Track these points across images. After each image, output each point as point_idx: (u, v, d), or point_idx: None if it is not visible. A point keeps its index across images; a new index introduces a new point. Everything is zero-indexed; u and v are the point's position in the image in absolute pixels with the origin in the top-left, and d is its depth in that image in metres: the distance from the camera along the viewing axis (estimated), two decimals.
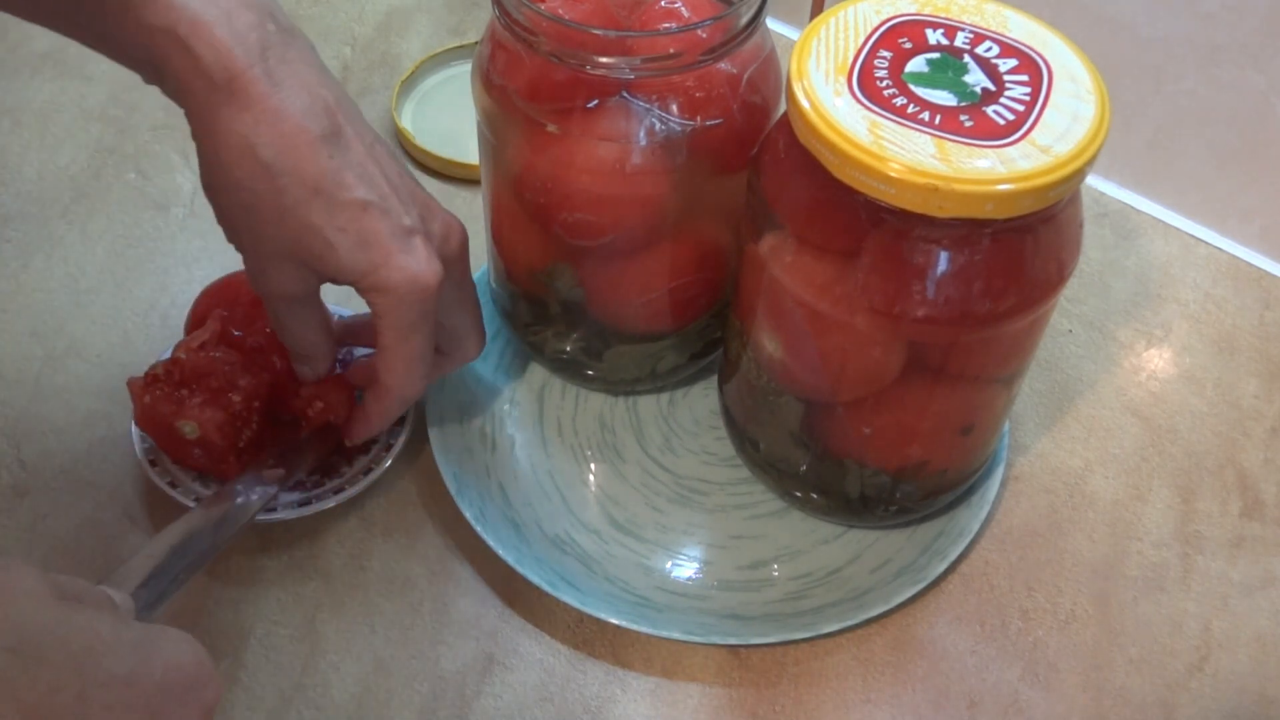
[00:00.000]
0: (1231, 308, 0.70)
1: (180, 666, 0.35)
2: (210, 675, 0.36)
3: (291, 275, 0.49)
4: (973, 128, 0.44)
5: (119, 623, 0.35)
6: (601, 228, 0.54)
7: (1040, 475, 0.62)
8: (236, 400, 0.55)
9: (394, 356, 0.51)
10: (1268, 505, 0.61)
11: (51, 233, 0.70)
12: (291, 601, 0.55)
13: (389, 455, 0.58)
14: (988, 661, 0.55)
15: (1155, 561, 0.59)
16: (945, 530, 0.58)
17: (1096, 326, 0.69)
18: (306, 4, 0.85)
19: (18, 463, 0.59)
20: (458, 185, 0.74)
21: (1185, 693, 0.54)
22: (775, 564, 0.58)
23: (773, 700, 0.53)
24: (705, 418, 0.63)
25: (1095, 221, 0.74)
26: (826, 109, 0.44)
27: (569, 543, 0.58)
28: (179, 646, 0.36)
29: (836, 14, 0.48)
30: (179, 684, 0.35)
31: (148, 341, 0.65)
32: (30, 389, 0.62)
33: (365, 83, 0.79)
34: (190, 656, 0.36)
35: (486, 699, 0.53)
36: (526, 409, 0.63)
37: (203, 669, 0.36)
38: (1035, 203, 0.43)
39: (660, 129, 0.51)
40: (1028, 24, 0.48)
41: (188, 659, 0.36)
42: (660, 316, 0.59)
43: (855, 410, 0.53)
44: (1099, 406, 0.65)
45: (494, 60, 0.53)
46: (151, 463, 0.56)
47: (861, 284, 0.46)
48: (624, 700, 0.53)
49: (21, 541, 0.56)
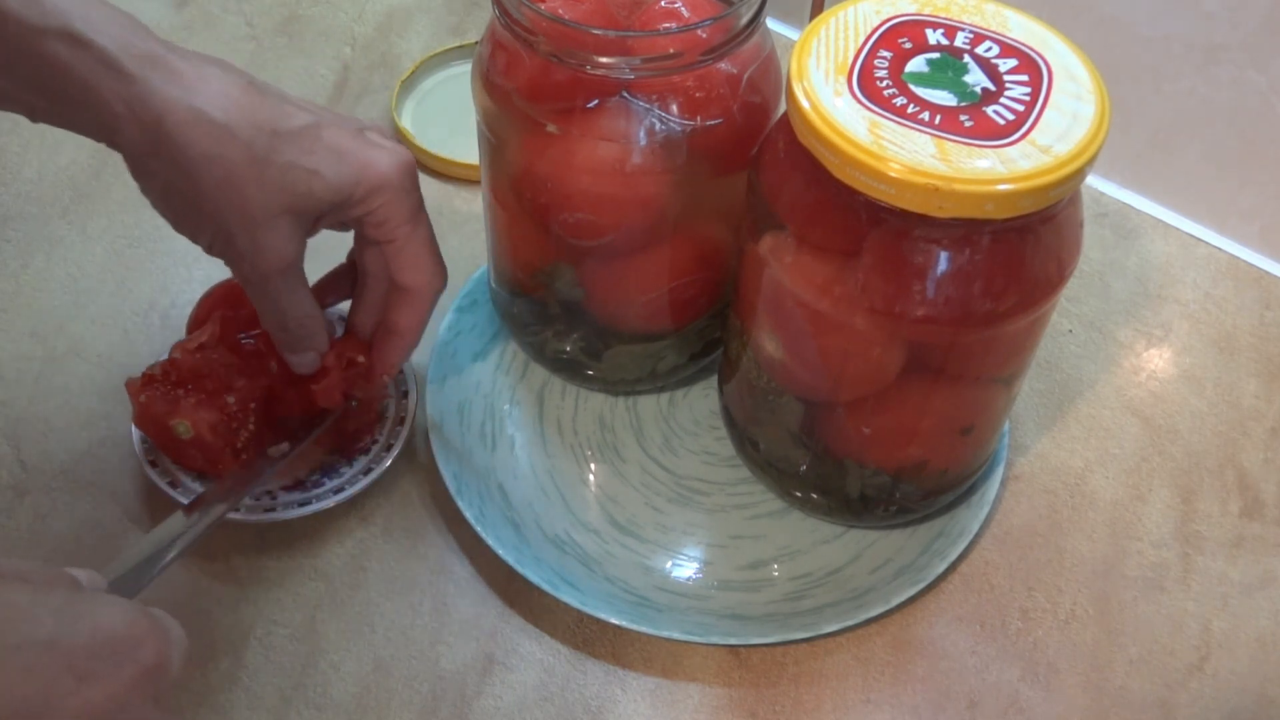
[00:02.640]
0: (1231, 308, 0.70)
1: (109, 629, 0.35)
2: (145, 636, 0.36)
3: (286, 234, 0.48)
4: (973, 128, 0.44)
5: (40, 592, 0.35)
6: (601, 228, 0.54)
7: (1040, 475, 0.62)
8: (231, 401, 0.55)
9: (414, 248, 0.51)
10: (1268, 505, 0.61)
11: (51, 233, 0.70)
12: (291, 601, 0.55)
13: (389, 455, 0.58)
14: (988, 661, 0.55)
15: (1155, 561, 0.59)
16: (945, 530, 0.58)
17: (1096, 326, 0.69)
18: (306, 4, 0.85)
19: (18, 463, 0.59)
20: (458, 185, 0.74)
21: (1185, 693, 0.54)
22: (775, 564, 0.58)
23: (773, 700, 0.53)
24: (705, 418, 0.63)
25: (1095, 221, 0.74)
26: (826, 109, 0.44)
27: (569, 543, 0.58)
28: (109, 610, 0.36)
29: (836, 14, 0.48)
30: (107, 646, 0.35)
31: (148, 341, 0.65)
32: (30, 389, 0.62)
33: (365, 83, 0.79)
34: (121, 619, 0.36)
35: (486, 699, 0.53)
36: (526, 409, 0.63)
37: (136, 629, 0.36)
38: (1035, 203, 0.43)
39: (660, 129, 0.51)
40: (1028, 24, 0.48)
41: (118, 621, 0.36)
42: (660, 316, 0.59)
43: (855, 410, 0.53)
44: (1099, 406, 0.65)
45: (494, 60, 0.53)
46: (151, 463, 0.56)
47: (861, 284, 0.46)
48: (624, 700, 0.53)
49: (21, 541, 0.56)
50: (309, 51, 0.81)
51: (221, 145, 0.45)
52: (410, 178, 0.50)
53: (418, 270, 0.52)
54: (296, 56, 0.81)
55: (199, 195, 0.46)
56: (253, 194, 0.46)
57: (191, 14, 0.83)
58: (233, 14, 0.84)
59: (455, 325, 0.64)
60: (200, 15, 0.83)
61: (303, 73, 0.80)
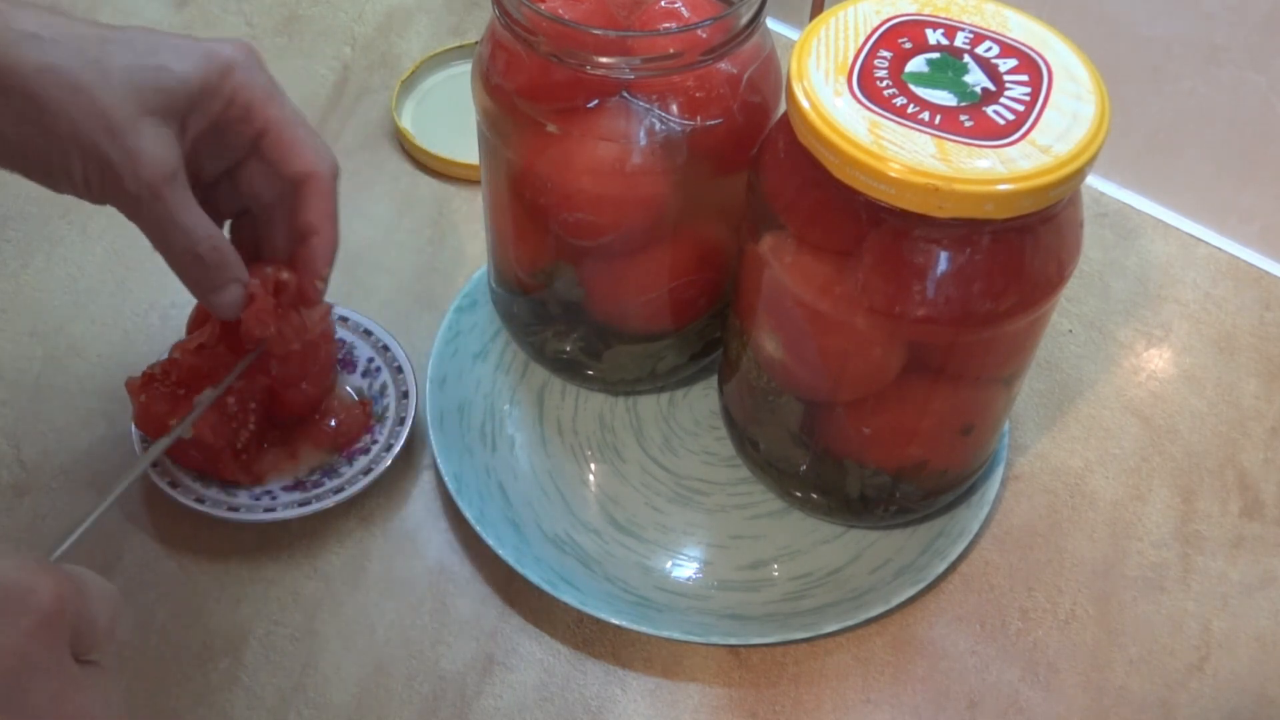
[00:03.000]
0: (1231, 308, 0.70)
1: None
2: (36, 583, 0.34)
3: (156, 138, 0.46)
4: (973, 128, 0.44)
5: None
6: (601, 228, 0.54)
7: (1040, 475, 0.62)
8: (231, 401, 0.55)
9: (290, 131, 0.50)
10: (1268, 505, 0.61)
11: (51, 233, 0.70)
12: (291, 601, 0.55)
13: (389, 455, 0.58)
14: (988, 661, 0.55)
15: (1155, 561, 0.59)
16: (945, 530, 0.58)
17: (1096, 326, 0.69)
18: (306, 4, 0.85)
19: (18, 463, 0.59)
20: (458, 185, 0.74)
21: (1185, 693, 0.54)
22: (775, 564, 0.58)
23: (772, 700, 0.53)
24: (705, 418, 0.63)
25: (1095, 221, 0.74)
26: (826, 109, 0.44)
27: (569, 543, 0.58)
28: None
29: (836, 14, 0.48)
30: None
31: (148, 341, 0.65)
32: (30, 389, 0.62)
33: (365, 83, 0.79)
34: (9, 567, 0.34)
35: (486, 699, 0.53)
36: (526, 409, 0.63)
37: (25, 576, 0.34)
38: (1035, 203, 0.43)
39: (660, 129, 0.51)
40: (1028, 24, 0.48)
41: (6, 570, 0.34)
42: (660, 316, 0.59)
43: (855, 410, 0.53)
44: (1099, 406, 0.65)
45: (494, 60, 0.53)
46: (152, 463, 0.56)
47: (861, 284, 0.46)
48: (624, 700, 0.53)
49: (21, 542, 0.56)
50: (309, 51, 0.81)
51: (50, 55, 0.44)
52: (256, 57, 0.49)
53: (302, 152, 0.50)
54: (296, 56, 0.81)
55: (44, 112, 0.45)
56: (102, 96, 0.45)
57: (191, 14, 0.83)
58: (233, 14, 0.84)
59: (455, 325, 0.64)
60: (200, 15, 0.83)
61: (303, 73, 0.80)
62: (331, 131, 0.76)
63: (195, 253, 0.49)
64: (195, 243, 0.49)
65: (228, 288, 0.51)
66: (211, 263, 0.50)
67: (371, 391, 0.61)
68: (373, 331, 0.62)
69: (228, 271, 0.50)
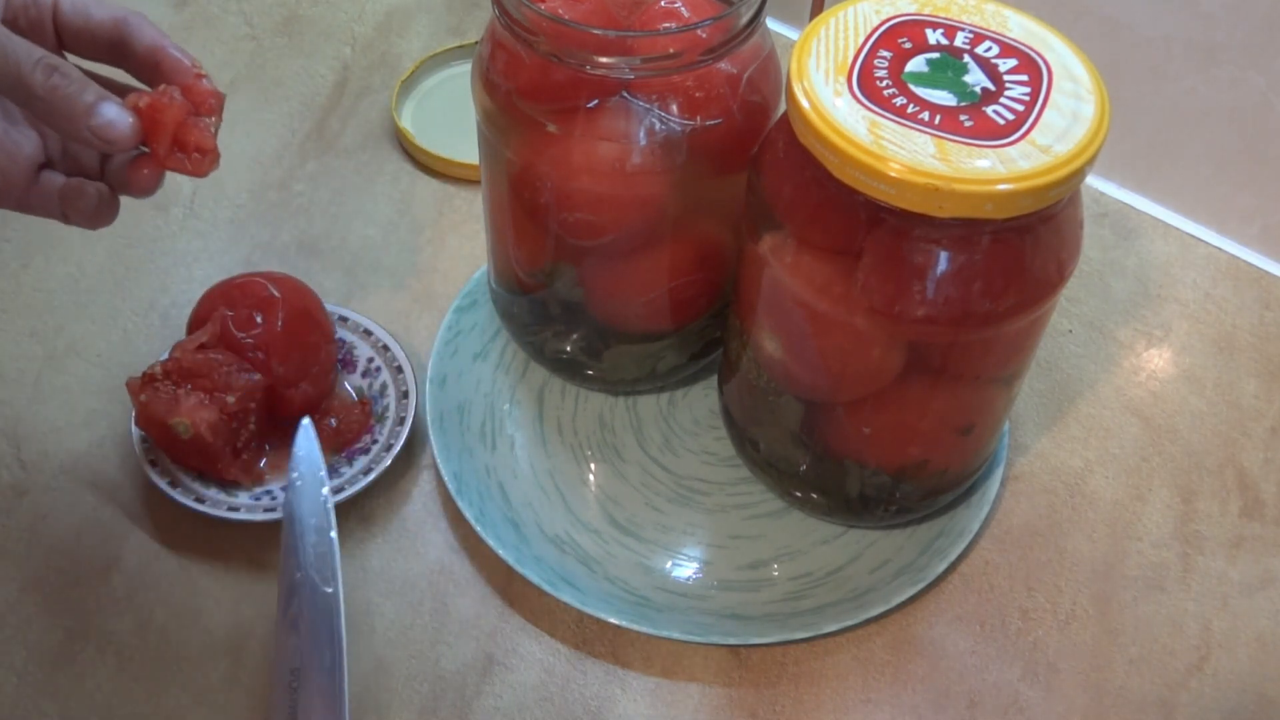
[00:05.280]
0: (1231, 308, 0.70)
1: None
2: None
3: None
4: (973, 128, 0.44)
5: None
6: (601, 228, 0.54)
7: (1040, 475, 0.62)
8: (231, 401, 0.55)
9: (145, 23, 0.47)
10: (1268, 505, 0.61)
11: (51, 233, 0.69)
12: None
13: (389, 455, 0.58)
14: (988, 661, 0.55)
15: (1155, 561, 0.59)
16: (945, 530, 0.58)
17: (1096, 326, 0.69)
18: (306, 4, 0.85)
19: (18, 463, 0.59)
20: (458, 185, 0.74)
21: (1185, 693, 0.54)
22: (775, 564, 0.58)
23: (773, 700, 0.53)
24: (705, 418, 0.63)
25: (1095, 221, 0.74)
26: (826, 109, 0.44)
27: (569, 543, 0.58)
28: None
29: (836, 14, 0.48)
30: None
31: (148, 341, 0.65)
32: (30, 389, 0.62)
33: (365, 83, 0.79)
34: None
35: (486, 699, 0.53)
36: (526, 409, 0.63)
37: None
38: (1035, 203, 0.43)
39: (660, 129, 0.51)
40: (1028, 24, 0.48)
41: None
42: (660, 316, 0.59)
43: (855, 410, 0.53)
44: (1099, 406, 0.65)
45: (494, 60, 0.53)
46: (151, 463, 0.56)
47: (861, 284, 0.46)
48: (624, 700, 0.53)
49: (22, 541, 0.56)
50: (309, 51, 0.81)
51: None
52: None
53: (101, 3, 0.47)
54: (296, 56, 0.81)
55: None
56: None
57: (191, 14, 0.83)
58: (232, 14, 0.84)
59: (455, 325, 0.64)
60: (200, 15, 0.83)
61: (302, 73, 0.80)
62: (331, 131, 0.76)
63: (34, 74, 0.43)
64: (30, 56, 0.43)
65: (104, 107, 0.44)
66: (75, 83, 0.44)
67: (371, 391, 0.61)
68: (373, 331, 0.62)
69: (83, 83, 0.44)
